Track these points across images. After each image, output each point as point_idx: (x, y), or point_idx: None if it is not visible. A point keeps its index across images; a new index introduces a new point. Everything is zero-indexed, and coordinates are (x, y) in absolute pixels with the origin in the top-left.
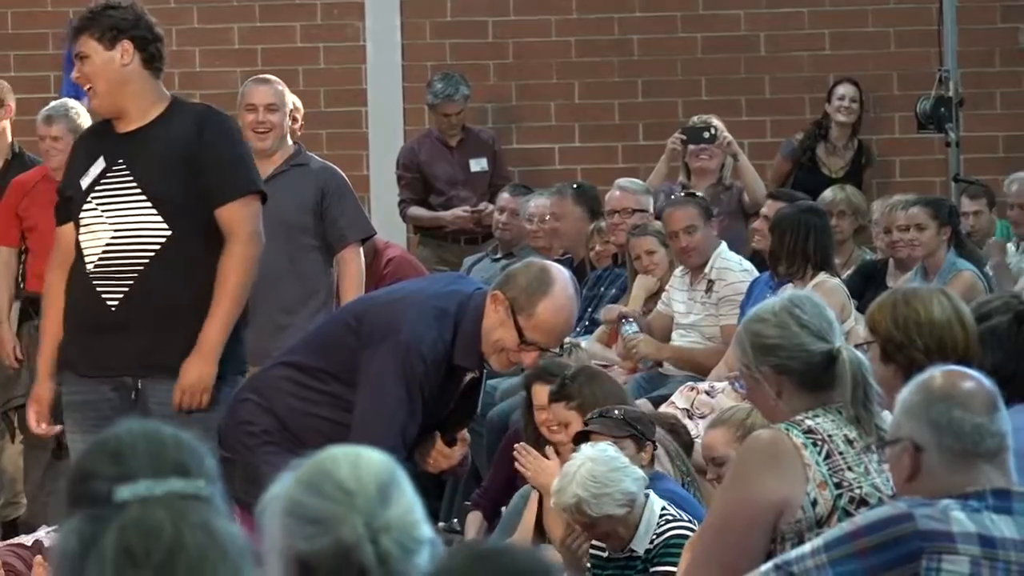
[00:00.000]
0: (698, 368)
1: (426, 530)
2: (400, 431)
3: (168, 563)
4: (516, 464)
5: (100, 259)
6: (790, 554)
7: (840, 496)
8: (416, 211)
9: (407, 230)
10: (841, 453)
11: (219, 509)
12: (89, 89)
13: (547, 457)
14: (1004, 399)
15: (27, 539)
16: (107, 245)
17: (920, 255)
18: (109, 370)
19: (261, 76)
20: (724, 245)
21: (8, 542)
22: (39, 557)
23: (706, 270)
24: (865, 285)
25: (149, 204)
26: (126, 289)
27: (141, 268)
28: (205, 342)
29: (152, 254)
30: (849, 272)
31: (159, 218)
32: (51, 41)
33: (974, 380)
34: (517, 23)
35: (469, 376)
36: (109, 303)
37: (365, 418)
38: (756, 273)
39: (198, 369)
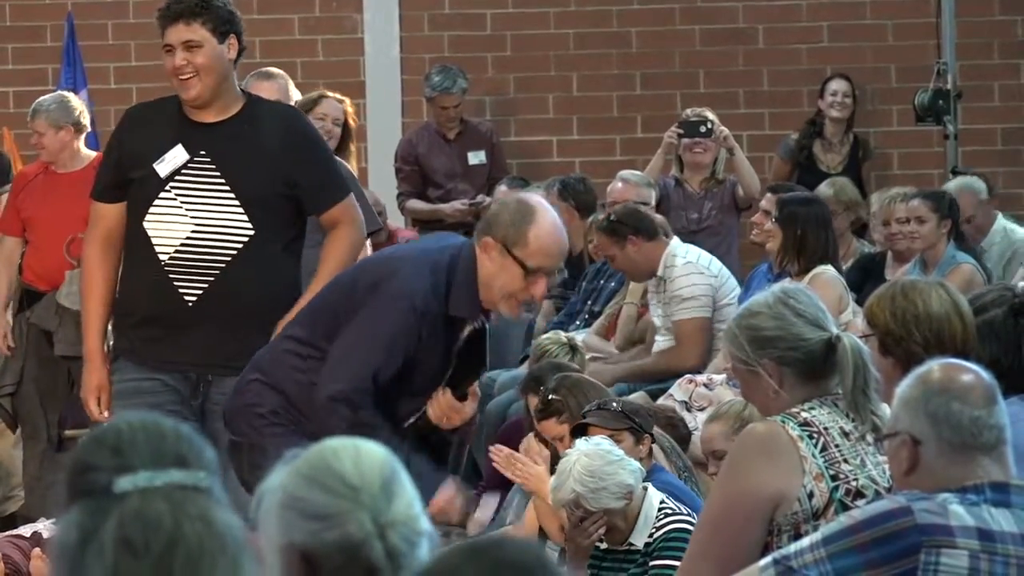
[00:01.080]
0: (652, 379)
1: (425, 522)
2: (372, 372)
3: (167, 554)
4: (499, 470)
5: (177, 252)
6: (789, 548)
7: (836, 488)
8: (414, 204)
9: (405, 223)
10: (837, 445)
11: (219, 501)
12: (190, 78)
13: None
14: (1001, 392)
15: (26, 530)
16: (187, 239)
17: (920, 248)
18: (176, 364)
19: (265, 70)
20: (674, 242)
21: (7, 533)
22: (37, 549)
23: (660, 273)
24: (864, 278)
25: (236, 203)
26: (205, 286)
27: (223, 266)
28: None
29: (235, 252)
30: (848, 265)
31: (244, 217)
32: (49, 34)
33: (972, 373)
34: (515, 15)
35: (468, 329)
36: (186, 298)
37: (343, 351)
38: (702, 265)
39: None
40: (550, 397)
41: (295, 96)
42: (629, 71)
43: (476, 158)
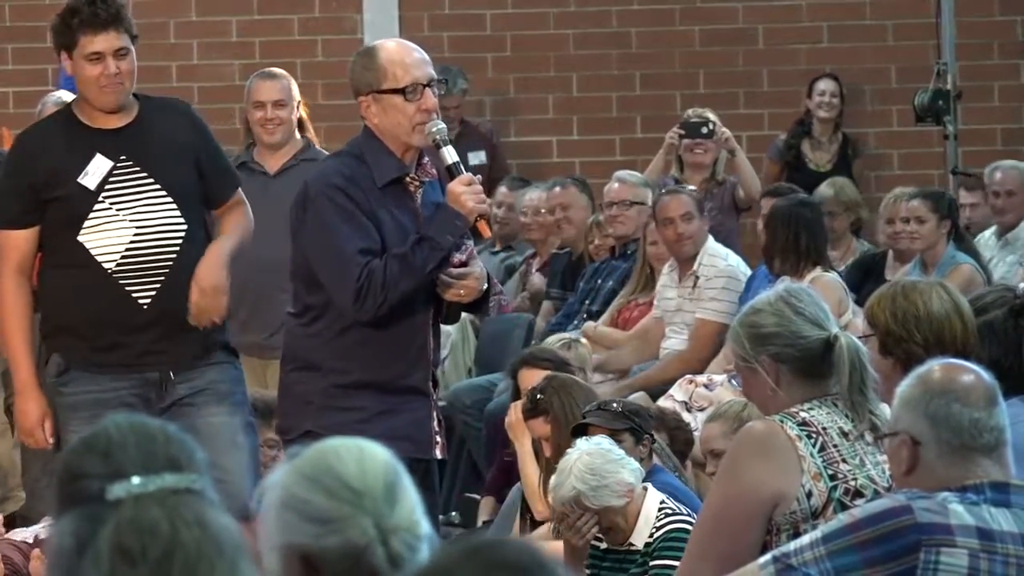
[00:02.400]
0: (664, 383)
1: (426, 525)
2: (356, 251)
3: (165, 560)
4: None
5: (123, 258)
6: (789, 546)
7: (835, 488)
8: None
9: None
10: (835, 445)
11: (212, 502)
12: (117, 85)
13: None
14: (1001, 392)
15: (27, 532)
16: (131, 243)
17: (919, 248)
18: (137, 366)
19: (268, 70)
20: (711, 239)
21: (6, 535)
22: (36, 550)
23: (695, 266)
24: (864, 278)
25: (170, 200)
26: (157, 286)
27: (170, 264)
28: (219, 254)
29: (177, 249)
30: (847, 265)
31: (178, 213)
32: (49, 34)
33: (973, 374)
34: (515, 16)
35: (416, 189)
36: (141, 302)
37: (325, 267)
38: (742, 266)
39: (216, 273)
40: (537, 396)
41: (297, 96)
42: (629, 71)
43: (476, 158)
